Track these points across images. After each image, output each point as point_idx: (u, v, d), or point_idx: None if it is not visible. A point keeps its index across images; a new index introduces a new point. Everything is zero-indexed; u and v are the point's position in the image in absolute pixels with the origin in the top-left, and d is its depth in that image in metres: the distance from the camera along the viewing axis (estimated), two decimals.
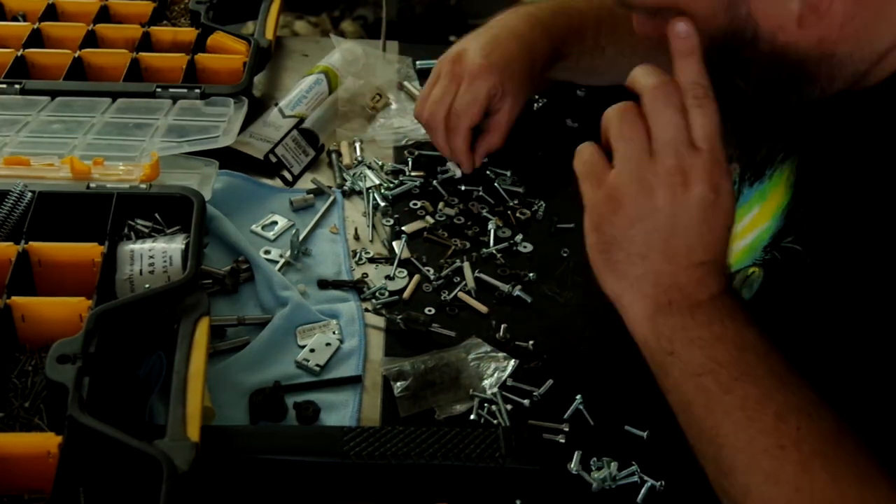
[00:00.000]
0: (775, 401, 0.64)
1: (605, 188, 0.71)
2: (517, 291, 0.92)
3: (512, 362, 0.85)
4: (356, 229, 1.00)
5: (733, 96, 0.72)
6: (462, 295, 0.92)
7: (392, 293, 0.92)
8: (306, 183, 1.06)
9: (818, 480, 0.61)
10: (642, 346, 0.71)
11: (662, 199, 0.68)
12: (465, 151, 1.03)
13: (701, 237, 0.69)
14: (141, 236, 0.86)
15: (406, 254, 0.96)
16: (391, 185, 1.06)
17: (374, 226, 1.01)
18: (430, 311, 0.90)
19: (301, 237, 0.97)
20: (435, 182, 1.06)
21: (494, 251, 0.98)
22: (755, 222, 0.81)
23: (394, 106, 1.18)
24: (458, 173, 1.07)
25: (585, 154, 0.74)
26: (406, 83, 1.22)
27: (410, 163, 1.09)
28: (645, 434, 0.80)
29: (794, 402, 0.64)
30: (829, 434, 0.63)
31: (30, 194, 0.85)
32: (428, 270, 0.95)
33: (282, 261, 0.94)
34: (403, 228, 0.99)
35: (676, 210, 0.68)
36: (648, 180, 0.69)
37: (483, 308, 0.91)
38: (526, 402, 0.82)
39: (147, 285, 0.80)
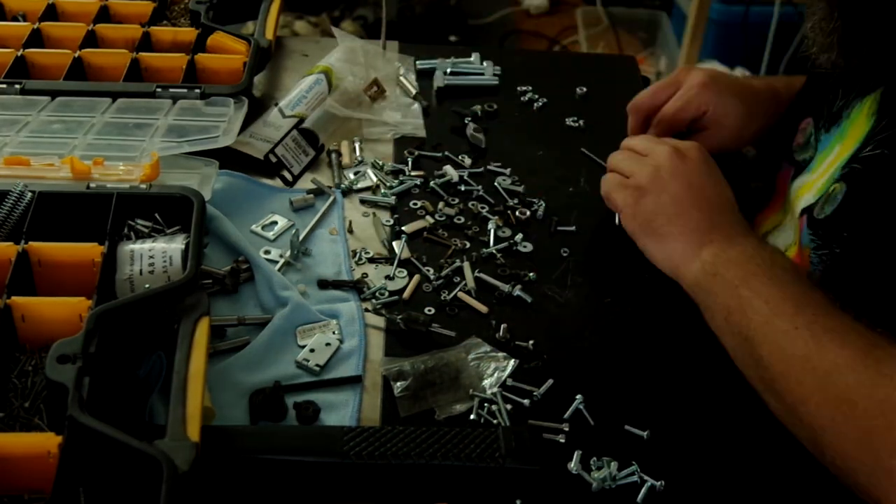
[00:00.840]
0: (794, 297, 0.78)
1: (628, 188, 0.93)
2: (517, 291, 0.92)
3: (512, 362, 0.85)
4: (355, 229, 1.00)
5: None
6: (462, 295, 0.92)
7: (392, 293, 0.92)
8: (306, 183, 1.06)
9: (827, 351, 0.73)
10: (693, 286, 0.87)
11: (668, 168, 0.91)
12: None
13: (715, 190, 0.90)
14: (141, 236, 0.86)
15: (406, 254, 0.96)
16: (391, 185, 1.06)
17: (373, 226, 1.01)
18: (430, 311, 0.90)
19: (301, 237, 0.97)
20: (432, 183, 1.06)
21: (494, 251, 0.98)
22: (838, 157, 0.87)
23: (389, 99, 1.18)
24: (455, 177, 1.07)
25: (606, 178, 0.98)
26: (402, 78, 1.22)
27: (410, 163, 1.09)
28: (645, 434, 0.80)
29: (812, 298, 0.78)
30: (840, 323, 0.75)
31: (30, 194, 0.85)
32: (428, 270, 0.95)
33: (282, 261, 0.94)
34: (403, 228, 0.99)
35: (684, 172, 0.90)
36: (655, 166, 0.92)
37: (483, 308, 0.91)
38: (526, 402, 0.82)
39: (147, 285, 0.80)
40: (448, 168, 1.07)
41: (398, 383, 0.81)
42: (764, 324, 0.78)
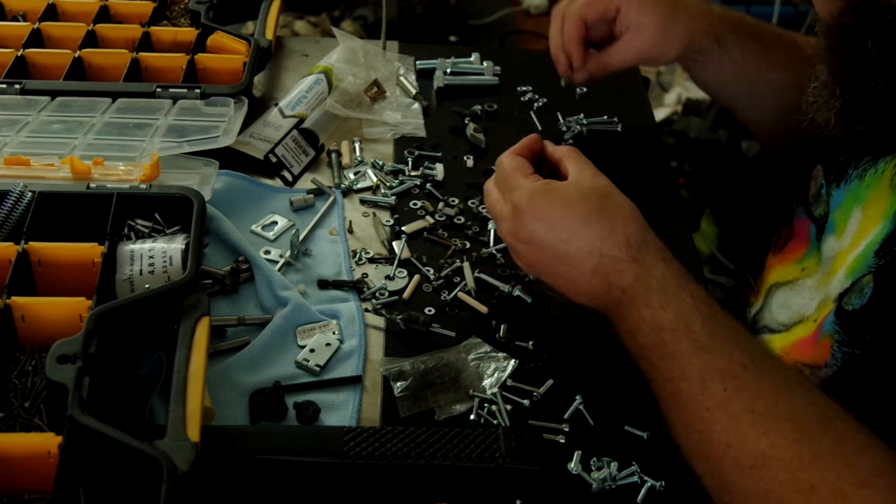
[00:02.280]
0: (698, 368, 0.71)
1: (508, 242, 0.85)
2: (517, 291, 0.92)
3: (512, 362, 0.85)
4: (355, 229, 1.00)
5: (858, 64, 0.74)
6: (462, 295, 0.92)
7: (392, 293, 0.92)
8: (306, 183, 1.06)
9: (747, 438, 0.67)
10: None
11: (522, 237, 0.81)
12: (569, 42, 1.04)
13: (567, 254, 0.79)
14: (141, 236, 0.86)
15: (406, 254, 0.96)
16: (391, 185, 1.06)
17: (373, 226, 1.01)
18: (430, 311, 0.90)
19: (301, 237, 0.97)
20: (428, 185, 1.06)
21: (494, 251, 0.98)
22: (863, 228, 0.80)
23: (389, 99, 1.18)
24: (441, 174, 1.06)
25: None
26: (402, 78, 1.22)
27: (410, 163, 1.09)
28: (645, 435, 0.80)
29: (717, 366, 0.70)
30: (755, 391, 0.68)
31: (30, 194, 0.85)
32: (428, 270, 0.95)
33: (282, 261, 0.94)
34: (403, 228, 0.99)
35: (529, 238, 0.81)
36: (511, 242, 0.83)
37: (483, 308, 0.91)
38: (526, 402, 0.82)
39: (147, 285, 0.80)
40: (438, 166, 1.07)
41: (398, 383, 0.81)
42: (673, 404, 0.72)
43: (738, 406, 0.68)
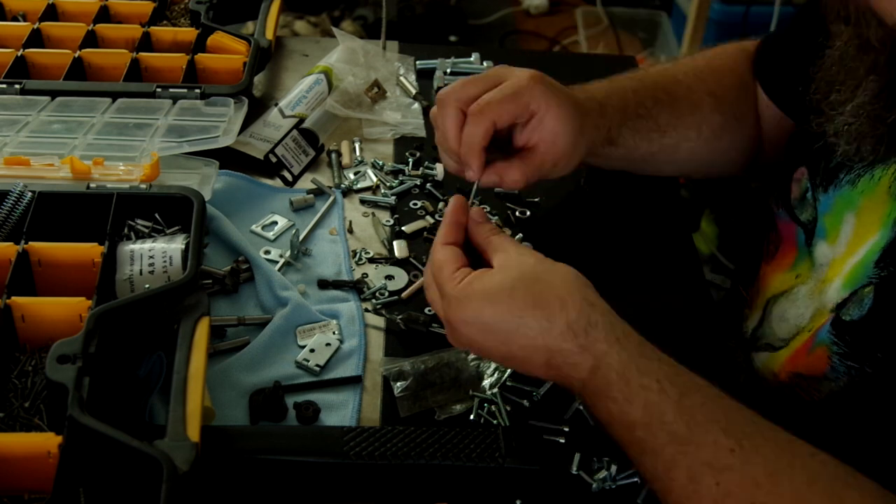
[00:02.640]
0: (682, 466, 0.66)
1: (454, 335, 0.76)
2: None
3: None
4: (355, 229, 1.00)
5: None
6: None
7: (392, 293, 0.92)
8: (306, 183, 1.06)
9: None
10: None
11: (464, 335, 0.73)
12: (476, 149, 0.83)
13: (514, 353, 0.72)
14: (141, 236, 0.86)
15: (405, 254, 0.96)
16: (391, 185, 1.06)
17: (373, 226, 1.01)
18: (430, 311, 0.90)
19: (301, 237, 0.97)
20: (428, 185, 1.06)
21: None
22: (859, 236, 0.78)
23: (389, 99, 1.18)
24: (441, 174, 1.06)
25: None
26: (402, 78, 1.22)
27: (411, 163, 1.09)
28: None
29: (705, 458, 0.65)
30: (756, 479, 0.64)
31: (30, 194, 0.85)
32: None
33: (282, 261, 0.94)
34: (403, 228, 0.99)
35: (471, 333, 0.73)
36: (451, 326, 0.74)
37: None
38: (525, 402, 0.82)
39: (147, 285, 0.80)
40: (439, 165, 1.07)
41: (398, 383, 0.81)
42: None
43: (736, 500, 0.63)
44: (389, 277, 0.94)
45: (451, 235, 0.78)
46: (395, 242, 0.97)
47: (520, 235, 1.00)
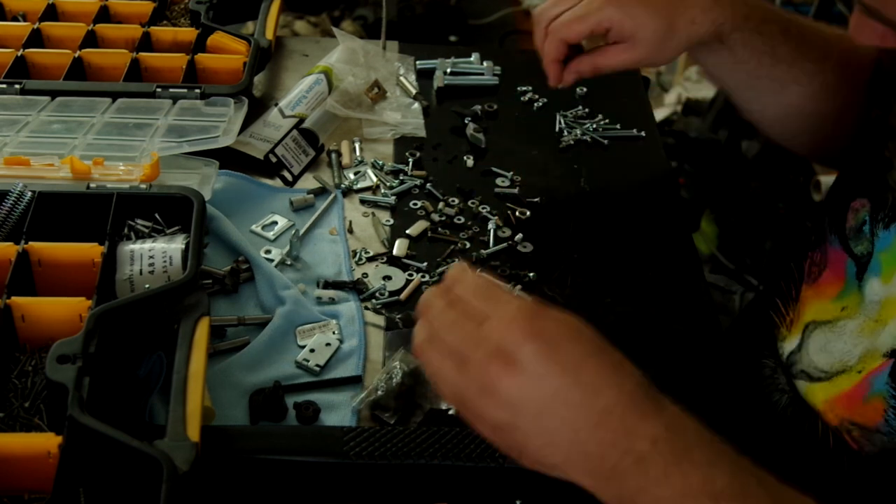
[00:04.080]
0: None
1: (466, 406, 0.64)
2: (517, 292, 0.92)
3: None
4: (355, 229, 1.00)
5: None
6: None
7: (392, 293, 0.92)
8: (306, 183, 1.06)
9: None
10: None
11: (512, 396, 0.61)
12: (551, 60, 0.98)
13: (574, 386, 0.60)
14: (141, 236, 0.86)
15: (404, 252, 0.96)
16: (391, 185, 1.06)
17: (373, 226, 1.01)
18: None
19: (301, 237, 0.97)
20: (428, 185, 1.06)
21: (495, 251, 0.98)
22: None
23: (389, 99, 1.18)
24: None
25: (420, 340, 0.65)
26: (402, 78, 1.22)
27: (411, 163, 1.09)
28: None
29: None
30: None
31: (30, 194, 0.85)
32: (424, 276, 0.94)
33: (279, 259, 0.94)
34: (408, 231, 0.99)
35: (520, 399, 0.60)
36: (471, 387, 0.62)
37: None
38: None
39: (147, 285, 0.80)
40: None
41: (385, 414, 0.80)
42: None
43: None
44: (387, 278, 0.94)
45: None
46: (397, 241, 0.97)
47: (520, 235, 1.00)
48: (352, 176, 1.07)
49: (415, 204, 1.04)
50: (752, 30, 0.94)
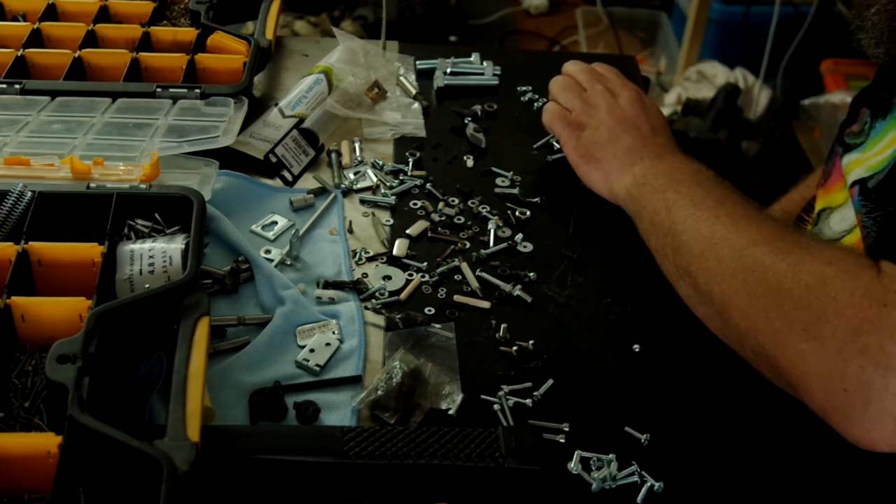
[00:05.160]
0: (717, 196, 0.87)
1: (569, 124, 1.04)
2: (517, 291, 0.92)
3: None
4: (355, 229, 1.00)
5: None
6: (459, 297, 0.92)
7: (392, 293, 0.92)
8: (306, 183, 1.06)
9: (745, 231, 0.81)
10: (625, 198, 0.96)
11: (604, 106, 1.03)
12: None
13: (646, 119, 1.01)
14: (141, 236, 0.86)
15: (404, 252, 0.96)
16: (391, 185, 1.06)
17: (373, 226, 1.01)
18: (429, 311, 0.90)
19: (301, 237, 0.97)
20: (428, 185, 1.06)
21: (495, 251, 0.98)
22: (893, 140, 0.86)
23: (389, 99, 1.18)
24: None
25: (549, 108, 1.08)
26: (402, 78, 1.22)
27: (411, 163, 1.09)
28: (644, 438, 0.79)
29: (730, 196, 0.86)
30: (753, 209, 0.85)
31: (30, 194, 0.85)
32: (424, 276, 0.94)
33: (279, 259, 0.94)
34: (408, 231, 0.99)
35: (616, 108, 1.02)
36: (591, 102, 1.04)
37: (485, 304, 0.91)
38: (528, 401, 0.82)
39: (147, 285, 0.80)
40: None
41: (385, 414, 0.80)
42: (686, 217, 0.86)
43: (740, 213, 0.84)
44: (387, 277, 0.94)
45: None
46: (397, 241, 0.97)
47: (520, 235, 1.00)
48: (352, 176, 1.07)
49: (415, 204, 1.04)
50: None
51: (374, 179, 1.06)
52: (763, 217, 0.84)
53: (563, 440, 0.79)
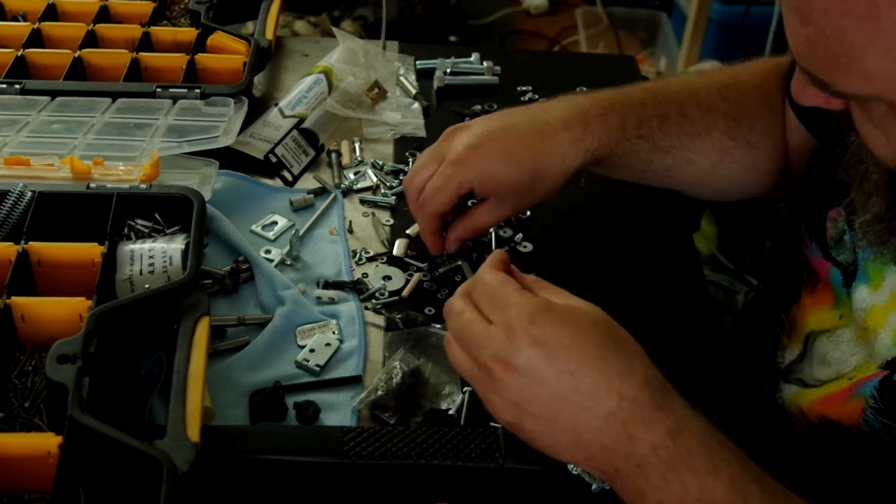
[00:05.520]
0: (731, 476, 0.61)
1: (497, 401, 0.68)
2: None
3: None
4: (355, 229, 1.00)
5: None
6: None
7: (392, 293, 0.92)
8: (306, 183, 1.06)
9: None
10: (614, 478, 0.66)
11: (503, 389, 0.65)
12: (429, 234, 0.91)
13: (572, 392, 0.63)
14: (141, 236, 0.86)
15: (404, 252, 0.96)
16: (391, 185, 1.06)
17: (373, 226, 1.01)
18: (430, 310, 0.90)
19: (301, 237, 0.97)
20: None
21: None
22: None
23: (389, 99, 1.18)
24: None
25: (453, 352, 0.71)
26: (402, 78, 1.22)
27: (411, 163, 1.09)
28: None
29: (756, 479, 0.62)
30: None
31: (30, 194, 0.85)
32: (425, 275, 0.94)
33: (279, 259, 0.94)
34: (408, 231, 0.99)
35: (522, 398, 0.64)
36: (483, 380, 0.67)
37: None
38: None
39: (147, 285, 0.80)
40: None
41: (385, 414, 0.80)
42: None
43: None
44: (387, 278, 0.94)
45: (501, 266, 0.72)
46: (397, 241, 0.97)
47: (520, 235, 1.00)
48: (352, 176, 1.07)
49: None
50: (629, 138, 0.92)
51: (374, 179, 1.06)
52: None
53: None
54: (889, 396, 0.70)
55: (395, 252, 0.96)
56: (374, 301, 0.91)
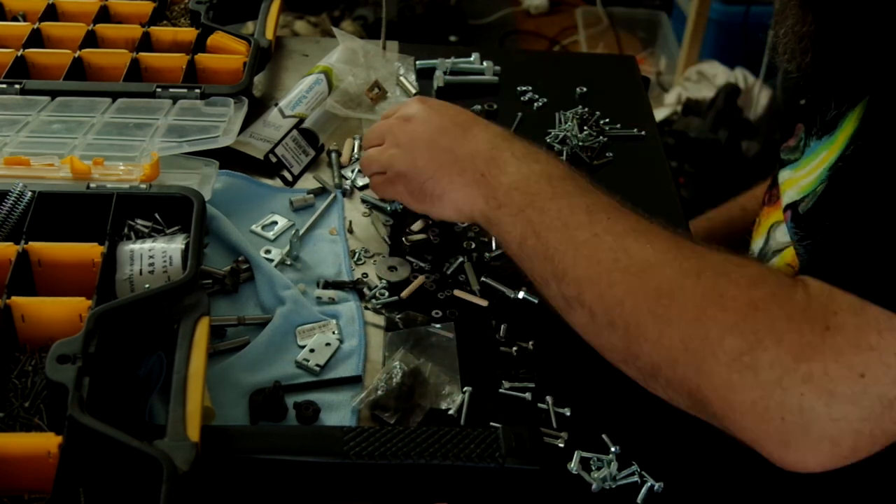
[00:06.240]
0: (583, 204, 0.78)
1: (389, 180, 0.93)
2: (522, 294, 0.91)
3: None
4: (355, 229, 1.00)
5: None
6: (459, 292, 0.92)
7: (392, 293, 0.92)
8: (306, 183, 1.06)
9: (635, 250, 0.74)
10: (486, 223, 0.85)
11: (407, 144, 0.91)
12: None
13: (455, 131, 0.89)
14: (141, 236, 0.86)
15: (403, 252, 0.96)
16: None
17: (373, 225, 1.01)
18: (436, 313, 0.90)
19: (301, 237, 0.97)
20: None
21: (497, 254, 0.98)
22: (825, 158, 0.84)
23: (389, 99, 1.18)
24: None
25: (364, 157, 0.97)
26: (402, 78, 1.22)
27: None
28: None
29: (601, 202, 0.79)
30: (635, 219, 0.77)
31: (30, 194, 0.85)
32: (428, 276, 0.94)
33: (279, 259, 0.94)
34: (412, 228, 0.99)
35: (419, 135, 0.90)
36: (393, 144, 0.92)
37: (483, 301, 0.91)
38: (528, 395, 0.82)
39: (147, 285, 0.80)
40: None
41: (385, 414, 0.80)
42: (562, 240, 0.77)
43: (622, 226, 0.76)
44: (392, 269, 0.94)
45: None
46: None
47: None
48: (352, 176, 1.07)
49: None
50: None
51: None
52: (649, 227, 0.76)
53: (562, 445, 0.79)
54: (804, 223, 0.82)
55: (397, 249, 0.96)
56: (374, 301, 0.91)
